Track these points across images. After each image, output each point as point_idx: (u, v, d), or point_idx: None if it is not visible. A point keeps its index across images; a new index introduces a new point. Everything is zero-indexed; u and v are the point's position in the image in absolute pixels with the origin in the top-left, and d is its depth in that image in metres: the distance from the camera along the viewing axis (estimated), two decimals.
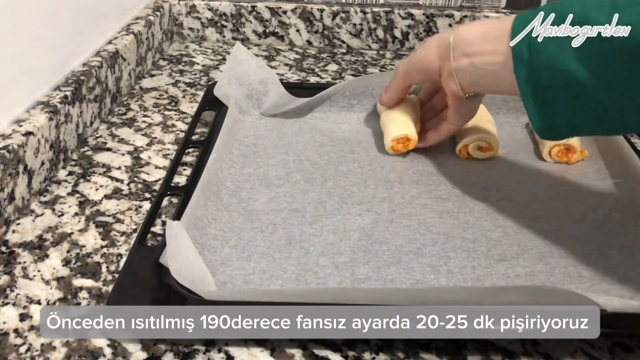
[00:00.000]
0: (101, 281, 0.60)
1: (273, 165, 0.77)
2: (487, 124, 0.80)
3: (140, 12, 1.07)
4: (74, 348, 0.52)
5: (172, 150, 0.81)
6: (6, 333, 0.54)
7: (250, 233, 0.66)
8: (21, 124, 0.69)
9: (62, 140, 0.76)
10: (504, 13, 1.10)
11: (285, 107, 0.87)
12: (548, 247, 0.64)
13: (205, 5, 1.15)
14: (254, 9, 1.14)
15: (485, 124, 0.80)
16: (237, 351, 0.53)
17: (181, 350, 0.52)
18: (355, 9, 1.12)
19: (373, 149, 0.82)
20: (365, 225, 0.67)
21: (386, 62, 1.10)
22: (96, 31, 0.92)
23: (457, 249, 0.63)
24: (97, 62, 0.85)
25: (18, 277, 0.60)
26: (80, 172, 0.76)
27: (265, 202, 0.71)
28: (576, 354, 0.53)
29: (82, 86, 0.80)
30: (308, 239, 0.65)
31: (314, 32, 1.15)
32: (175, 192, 0.68)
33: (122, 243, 0.65)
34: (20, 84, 0.72)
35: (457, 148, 0.80)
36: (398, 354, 0.53)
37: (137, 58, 0.99)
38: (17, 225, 0.67)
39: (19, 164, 0.66)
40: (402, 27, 1.13)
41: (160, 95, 0.97)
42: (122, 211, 0.69)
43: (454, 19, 1.11)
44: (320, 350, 0.53)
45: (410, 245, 0.64)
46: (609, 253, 0.63)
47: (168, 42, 1.15)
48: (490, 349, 0.53)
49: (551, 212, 0.69)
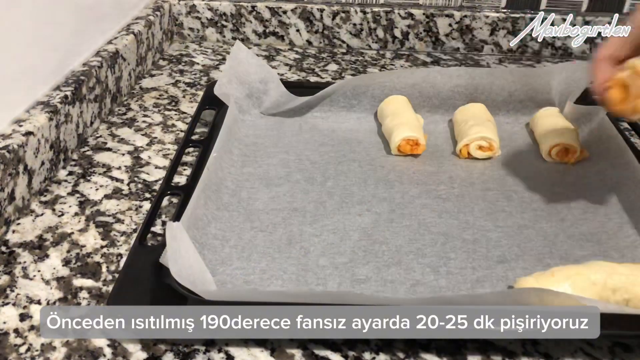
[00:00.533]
0: (101, 281, 0.60)
1: (273, 165, 0.77)
2: (488, 124, 0.80)
3: (140, 12, 1.07)
4: (74, 348, 0.52)
5: (172, 150, 0.81)
6: (6, 333, 0.54)
7: (251, 232, 0.66)
8: (21, 124, 0.69)
9: (62, 140, 0.76)
10: (504, 13, 1.11)
11: (286, 106, 0.87)
12: (548, 247, 0.64)
13: (205, 5, 1.15)
14: (254, 8, 1.14)
15: (486, 123, 0.80)
16: (237, 351, 0.53)
17: (181, 350, 0.52)
18: (355, 8, 1.12)
19: (373, 148, 0.82)
20: (366, 225, 0.67)
21: (386, 62, 1.10)
22: (96, 31, 0.91)
23: (457, 250, 0.63)
24: (97, 62, 0.85)
25: (18, 277, 0.60)
26: (80, 172, 0.76)
27: (265, 201, 0.71)
28: (576, 354, 0.53)
29: (82, 86, 0.80)
30: (308, 239, 0.65)
31: (314, 32, 1.15)
32: (175, 191, 0.68)
33: (122, 243, 0.65)
34: (20, 83, 0.72)
35: (458, 148, 0.80)
36: (398, 354, 0.53)
37: (137, 58, 0.99)
38: (17, 225, 0.67)
39: (19, 164, 0.66)
40: (402, 27, 1.13)
41: (160, 95, 0.97)
42: (122, 211, 0.69)
43: (454, 19, 1.11)
44: (320, 350, 0.53)
45: (410, 246, 0.64)
46: (608, 254, 0.63)
47: (168, 42, 1.15)
48: (490, 349, 0.53)
49: (551, 213, 0.69)
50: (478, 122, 0.80)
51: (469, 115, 0.82)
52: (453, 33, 1.13)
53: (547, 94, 0.87)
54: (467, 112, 0.83)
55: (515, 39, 1.11)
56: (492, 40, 1.13)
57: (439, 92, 0.88)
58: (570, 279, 0.55)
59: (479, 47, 1.14)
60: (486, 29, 1.12)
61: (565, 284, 0.55)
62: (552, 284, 0.55)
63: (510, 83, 0.87)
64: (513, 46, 1.13)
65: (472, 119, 0.81)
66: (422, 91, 0.88)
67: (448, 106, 0.88)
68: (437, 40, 1.14)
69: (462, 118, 0.83)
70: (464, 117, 0.83)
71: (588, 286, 0.55)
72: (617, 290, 0.54)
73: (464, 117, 0.82)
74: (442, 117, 0.88)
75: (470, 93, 0.87)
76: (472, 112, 0.83)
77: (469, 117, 0.82)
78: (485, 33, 1.12)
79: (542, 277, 0.56)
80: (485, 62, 1.11)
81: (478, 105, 0.85)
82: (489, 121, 0.81)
